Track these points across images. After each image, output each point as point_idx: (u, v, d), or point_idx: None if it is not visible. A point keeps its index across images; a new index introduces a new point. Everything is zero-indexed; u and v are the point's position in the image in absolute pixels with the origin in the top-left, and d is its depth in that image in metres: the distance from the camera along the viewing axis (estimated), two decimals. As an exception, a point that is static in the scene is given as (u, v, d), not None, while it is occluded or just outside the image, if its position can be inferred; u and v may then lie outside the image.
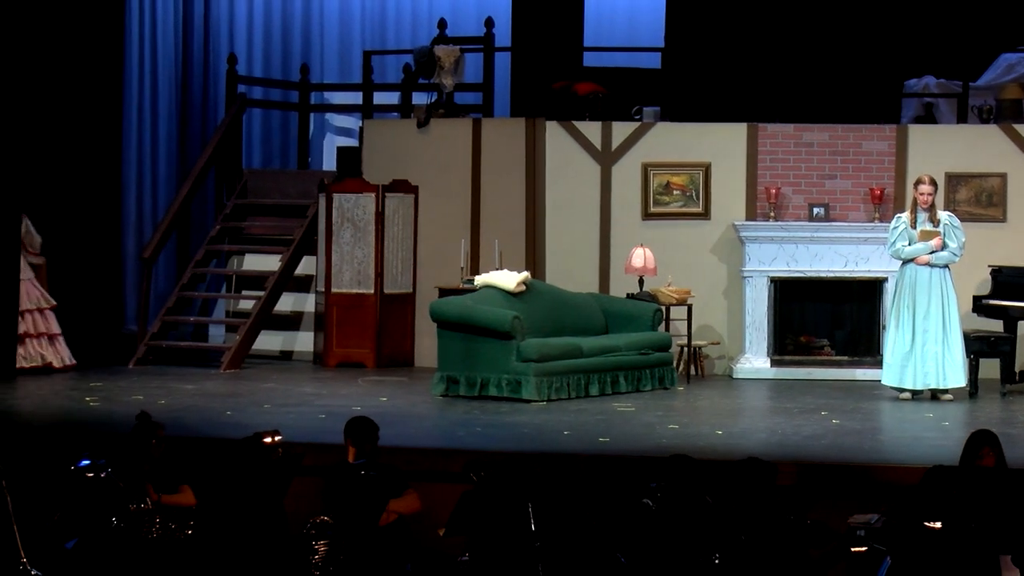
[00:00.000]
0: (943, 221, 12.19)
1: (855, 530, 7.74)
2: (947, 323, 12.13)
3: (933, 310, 12.12)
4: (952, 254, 12.16)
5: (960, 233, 12.19)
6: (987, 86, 14.74)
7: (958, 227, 12.22)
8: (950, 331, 12.12)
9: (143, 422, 8.49)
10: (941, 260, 12.16)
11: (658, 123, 14.14)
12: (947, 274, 12.21)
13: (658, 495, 7.71)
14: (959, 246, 12.18)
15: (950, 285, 12.20)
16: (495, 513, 7.52)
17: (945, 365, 12.09)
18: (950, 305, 12.15)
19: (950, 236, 12.16)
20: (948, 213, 12.38)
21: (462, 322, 12.17)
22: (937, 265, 12.16)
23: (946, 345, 12.10)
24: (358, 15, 16.98)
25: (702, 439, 10.13)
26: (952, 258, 12.16)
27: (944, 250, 12.14)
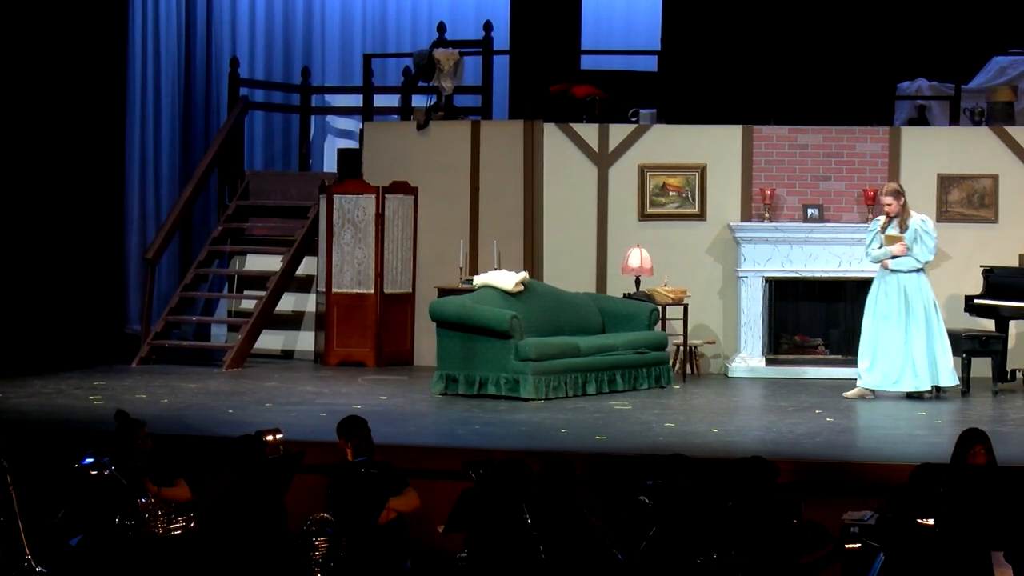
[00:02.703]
0: (912, 226, 12.12)
1: (849, 527, 7.78)
2: (928, 324, 12.10)
3: (902, 312, 12.08)
4: (915, 259, 12.09)
5: (930, 238, 12.12)
6: (979, 89, 14.79)
7: (929, 231, 12.14)
8: (932, 331, 12.11)
9: (122, 420, 8.52)
10: (900, 265, 12.12)
11: (654, 125, 14.21)
12: (915, 277, 12.12)
13: (655, 493, 7.78)
14: (928, 250, 12.10)
15: (921, 286, 12.15)
16: (494, 511, 7.55)
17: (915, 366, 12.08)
18: (927, 306, 12.12)
19: (919, 241, 12.11)
20: (923, 218, 12.28)
21: (461, 322, 12.23)
22: (900, 270, 12.14)
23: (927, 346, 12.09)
24: (359, 19, 17.04)
25: (698, 437, 10.19)
26: (913, 263, 12.09)
27: (908, 255, 12.10)
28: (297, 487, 8.32)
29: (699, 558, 7.44)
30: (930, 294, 12.22)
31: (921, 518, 7.32)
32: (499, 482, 7.59)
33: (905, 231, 12.16)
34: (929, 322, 12.15)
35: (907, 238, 12.14)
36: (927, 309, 12.16)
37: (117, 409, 8.70)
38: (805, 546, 7.66)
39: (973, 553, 7.20)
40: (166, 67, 16.48)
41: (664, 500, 7.69)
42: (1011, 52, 15.17)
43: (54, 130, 14.73)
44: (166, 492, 8.37)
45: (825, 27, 14.22)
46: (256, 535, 7.89)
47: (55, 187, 14.77)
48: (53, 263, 14.73)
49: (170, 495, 8.39)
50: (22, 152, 14.49)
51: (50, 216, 14.72)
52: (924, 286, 12.20)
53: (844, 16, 14.25)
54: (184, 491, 8.49)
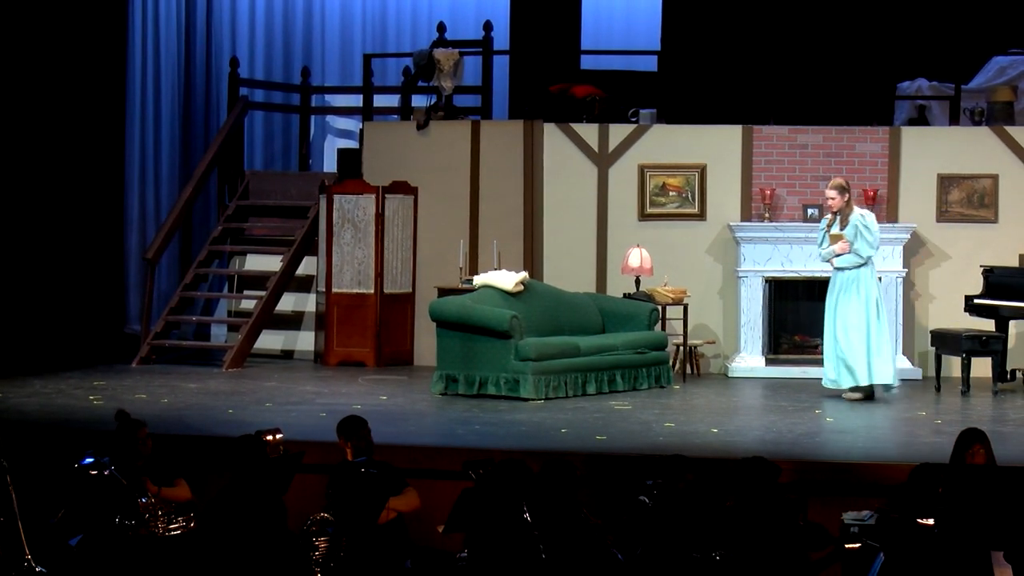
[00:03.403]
0: (853, 222, 12.02)
1: (849, 527, 7.79)
2: (868, 321, 11.98)
3: (853, 309, 11.99)
4: (856, 255, 12.01)
5: (870, 233, 12.01)
6: (979, 88, 14.81)
7: (869, 226, 12.03)
8: (870, 329, 11.99)
9: (123, 420, 8.53)
10: (843, 263, 12.04)
11: (654, 125, 14.22)
12: (859, 273, 12.03)
13: (655, 493, 7.79)
14: (869, 245, 11.99)
15: (865, 282, 12.03)
16: (494, 510, 7.56)
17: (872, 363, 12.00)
18: (868, 302, 12.01)
19: (859, 236, 12.01)
20: (862, 214, 12.14)
21: (461, 322, 12.24)
22: (845, 268, 12.05)
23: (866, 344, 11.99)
24: (359, 19, 17.05)
25: (698, 437, 10.19)
26: (856, 260, 12.00)
27: (850, 251, 12.02)
28: (297, 487, 8.32)
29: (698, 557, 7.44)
30: (873, 291, 12.08)
31: (921, 518, 7.33)
32: (499, 482, 7.60)
33: (845, 228, 12.05)
34: (868, 319, 12.03)
35: (848, 234, 12.02)
36: (868, 305, 12.03)
37: (118, 409, 8.71)
38: (807, 546, 7.66)
39: (973, 553, 7.21)
40: (166, 67, 16.50)
41: (664, 500, 7.69)
42: (1011, 52, 15.18)
43: (54, 130, 14.74)
44: (166, 492, 8.37)
45: (825, 27, 14.23)
46: (256, 535, 7.89)
47: (55, 187, 14.78)
48: (53, 263, 14.74)
49: (171, 495, 8.39)
50: (22, 152, 14.50)
51: (50, 216, 14.73)
52: (867, 282, 12.06)
53: (844, 16, 14.26)
54: (184, 491, 8.50)
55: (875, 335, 12.05)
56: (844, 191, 12.11)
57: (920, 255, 13.96)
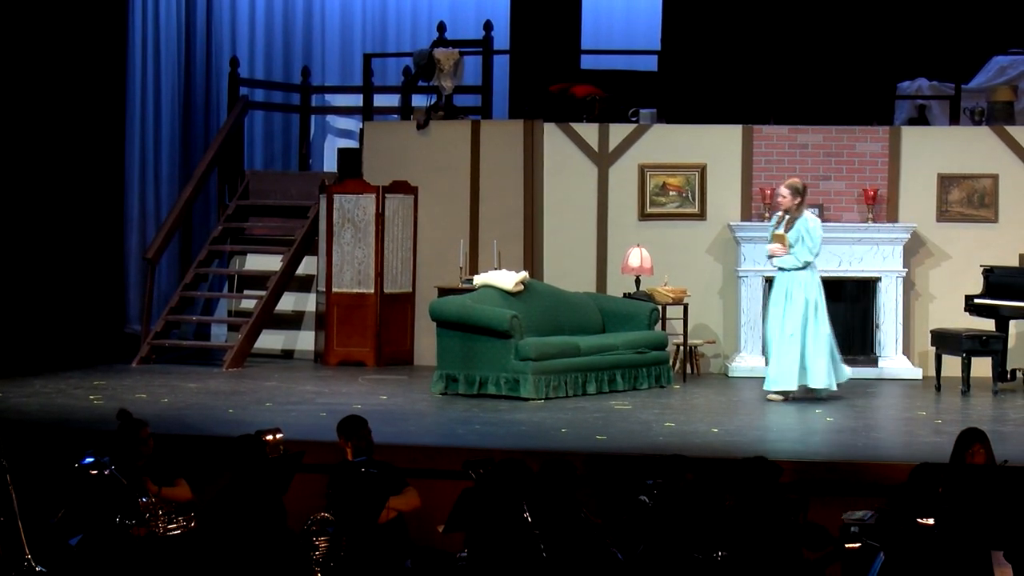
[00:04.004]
0: (798, 225, 11.92)
1: (849, 527, 7.79)
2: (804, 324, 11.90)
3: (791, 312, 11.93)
4: (795, 257, 11.92)
5: (811, 238, 11.90)
6: (979, 88, 14.81)
7: (812, 230, 11.93)
8: (807, 331, 11.91)
9: (125, 420, 8.53)
10: (784, 263, 11.97)
11: (654, 125, 14.22)
12: (799, 275, 11.93)
13: (655, 493, 7.79)
14: (808, 250, 11.88)
15: (805, 285, 11.92)
16: (494, 510, 7.56)
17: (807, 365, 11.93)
18: (807, 305, 11.91)
19: (801, 240, 11.91)
20: (808, 216, 12.04)
21: (461, 321, 12.24)
22: (785, 268, 11.96)
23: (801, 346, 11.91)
24: (359, 18, 17.06)
25: (698, 437, 10.20)
26: (795, 262, 11.91)
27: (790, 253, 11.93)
28: (297, 487, 8.32)
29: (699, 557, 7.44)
30: (812, 292, 11.95)
31: (921, 517, 7.33)
32: (499, 482, 7.60)
33: (789, 230, 11.96)
34: (806, 321, 11.94)
35: (791, 237, 11.94)
36: (807, 307, 11.93)
37: (120, 408, 8.70)
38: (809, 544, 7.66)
39: (973, 552, 7.22)
40: (166, 67, 16.50)
41: (664, 500, 7.69)
42: (1011, 52, 15.18)
43: (54, 130, 14.74)
44: (167, 492, 8.38)
45: (825, 27, 14.23)
46: (256, 535, 7.89)
47: (55, 187, 14.78)
48: (53, 263, 14.74)
49: (171, 495, 8.39)
50: (22, 152, 14.51)
51: (50, 216, 14.73)
52: (808, 284, 11.95)
53: (844, 16, 14.26)
54: (185, 491, 8.50)
55: (811, 338, 11.94)
56: (797, 193, 12.01)
57: (920, 255, 13.96)
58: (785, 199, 12.04)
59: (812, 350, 11.97)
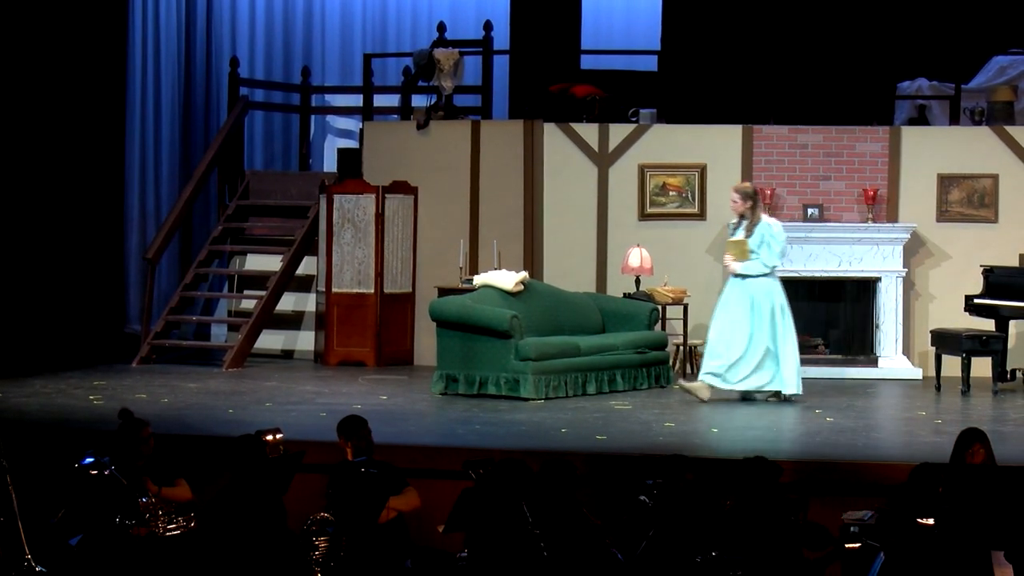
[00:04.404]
0: (759, 231, 11.80)
1: (849, 527, 7.79)
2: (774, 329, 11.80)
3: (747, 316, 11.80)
4: (761, 263, 11.81)
5: (776, 242, 11.79)
6: (979, 88, 14.81)
7: (775, 236, 11.80)
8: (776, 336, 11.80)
9: (126, 419, 8.53)
10: (747, 270, 11.85)
11: (654, 125, 14.23)
12: (762, 282, 11.82)
13: (655, 492, 7.79)
14: (773, 255, 11.78)
15: (769, 291, 11.82)
16: (494, 510, 7.56)
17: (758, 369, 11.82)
18: (773, 310, 11.80)
19: (765, 245, 11.80)
20: (769, 222, 11.92)
21: (461, 321, 12.24)
22: (748, 275, 11.84)
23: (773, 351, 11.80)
24: (359, 18, 17.06)
25: (698, 437, 10.21)
26: (761, 268, 11.81)
27: (752, 259, 11.81)
28: (297, 487, 8.32)
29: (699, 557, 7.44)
30: (778, 298, 11.85)
31: (921, 517, 7.33)
32: (499, 482, 7.60)
33: (750, 236, 11.84)
34: (775, 327, 11.83)
35: (752, 243, 11.81)
36: (774, 313, 11.84)
37: (122, 408, 8.70)
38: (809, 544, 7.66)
39: (973, 552, 7.22)
40: (166, 66, 16.50)
41: (664, 500, 7.69)
42: (1011, 52, 15.18)
43: (54, 129, 14.74)
44: (167, 492, 8.37)
45: (825, 27, 14.23)
46: (256, 535, 7.89)
47: (55, 186, 14.78)
48: (53, 262, 14.74)
49: (171, 495, 8.39)
50: (22, 151, 14.50)
51: (50, 215, 14.73)
52: (772, 290, 11.85)
53: (844, 16, 14.26)
54: (185, 491, 8.50)
55: (785, 343, 11.85)
56: (748, 197, 11.89)
57: (920, 255, 13.96)
58: (736, 204, 11.92)
59: (784, 355, 11.84)
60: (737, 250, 11.85)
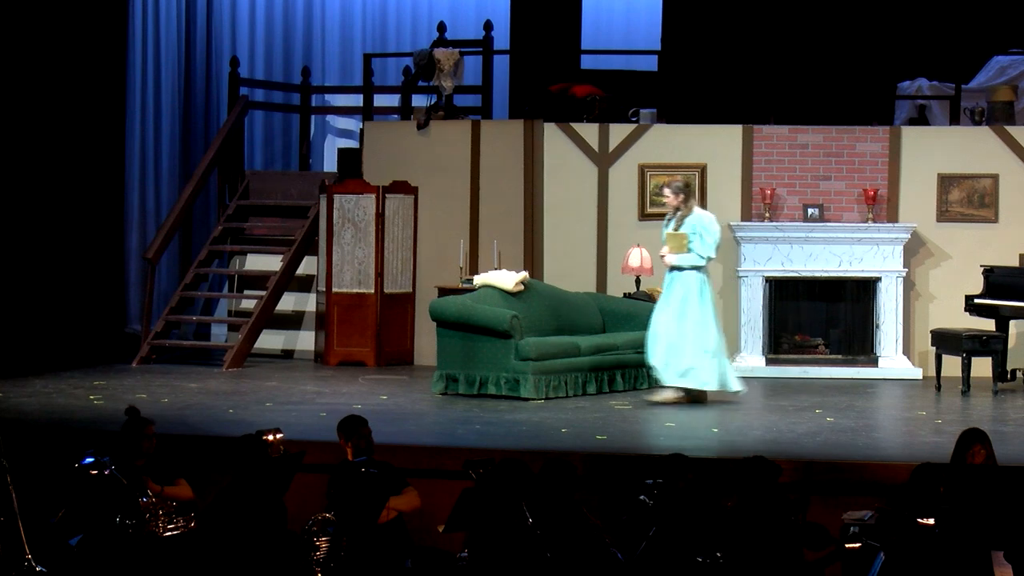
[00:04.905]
0: (691, 223, 11.72)
1: (849, 527, 7.78)
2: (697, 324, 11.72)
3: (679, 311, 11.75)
4: (696, 254, 11.73)
5: (708, 234, 11.70)
6: (979, 88, 14.81)
7: (707, 228, 11.72)
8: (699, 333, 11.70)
9: (133, 417, 8.55)
10: (682, 261, 11.77)
11: (655, 125, 14.22)
12: (690, 275, 11.74)
13: (655, 492, 7.78)
14: (707, 246, 11.68)
15: (691, 284, 11.72)
16: (494, 510, 7.56)
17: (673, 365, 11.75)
18: (691, 304, 11.72)
19: (699, 237, 11.70)
20: (700, 216, 11.82)
21: (461, 321, 12.24)
22: (681, 267, 11.76)
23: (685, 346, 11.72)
24: (359, 18, 17.05)
25: (698, 437, 10.19)
26: (696, 259, 11.73)
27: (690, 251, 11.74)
28: (297, 487, 8.31)
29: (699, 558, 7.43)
30: (700, 293, 11.75)
31: (921, 518, 7.31)
32: (499, 482, 7.59)
33: (681, 227, 11.78)
34: (684, 321, 11.73)
35: (688, 235, 11.73)
36: (691, 307, 11.75)
37: (129, 405, 8.71)
38: (809, 544, 7.66)
39: (973, 553, 7.20)
40: (166, 66, 16.49)
41: (664, 500, 7.69)
42: (1011, 52, 15.19)
43: (54, 129, 14.74)
44: (169, 491, 8.38)
45: (825, 26, 14.24)
46: (256, 535, 7.88)
47: (55, 186, 14.78)
48: (53, 262, 14.73)
49: (173, 493, 8.40)
50: (22, 151, 14.50)
51: (50, 215, 14.73)
52: (695, 284, 11.77)
53: (844, 15, 14.26)
54: (186, 490, 8.50)
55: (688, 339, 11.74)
56: (679, 192, 11.81)
57: (920, 255, 13.96)
58: (669, 199, 11.87)
59: (687, 349, 11.75)
60: (675, 243, 11.80)
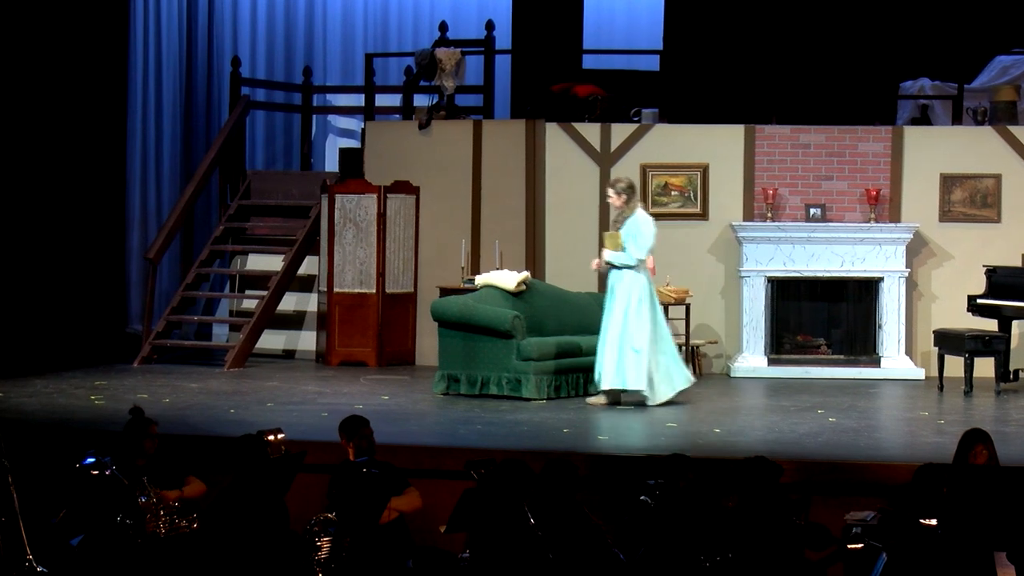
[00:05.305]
0: (627, 224, 11.65)
1: (851, 527, 7.77)
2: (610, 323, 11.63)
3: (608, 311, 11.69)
4: (628, 255, 11.63)
5: (638, 235, 11.61)
6: (982, 88, 14.80)
7: (637, 230, 11.63)
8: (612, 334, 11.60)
9: (137, 416, 8.55)
10: (615, 260, 11.68)
11: (656, 125, 14.21)
12: (625, 275, 11.62)
13: (656, 493, 7.77)
14: (637, 247, 11.59)
15: (626, 284, 11.61)
16: (496, 511, 7.55)
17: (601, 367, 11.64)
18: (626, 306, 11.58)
19: (633, 236, 11.64)
20: (635, 217, 11.69)
21: (463, 321, 12.23)
22: (613, 265, 11.67)
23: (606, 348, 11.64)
24: (360, 18, 17.04)
25: (700, 437, 10.18)
26: (628, 259, 11.62)
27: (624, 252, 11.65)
28: (298, 487, 8.30)
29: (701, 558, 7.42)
30: (635, 295, 11.62)
31: (924, 518, 7.29)
32: (501, 482, 7.58)
33: (620, 228, 11.72)
34: (611, 321, 11.63)
35: (623, 235, 11.67)
36: (626, 309, 11.64)
37: (134, 405, 8.71)
38: (811, 545, 7.64)
39: (976, 553, 7.19)
40: (167, 66, 16.48)
41: (666, 500, 7.68)
42: (1014, 51, 15.17)
43: (55, 129, 14.73)
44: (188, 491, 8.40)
45: (828, 26, 14.24)
46: (258, 535, 7.87)
47: (56, 186, 14.77)
48: (54, 262, 14.73)
49: (192, 494, 8.42)
50: (23, 151, 14.49)
51: (51, 215, 14.73)
52: (631, 284, 11.66)
53: (847, 15, 14.26)
54: (198, 486, 8.51)
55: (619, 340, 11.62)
56: (622, 192, 11.72)
57: (923, 255, 13.94)
58: (612, 199, 11.81)
59: (616, 350, 11.65)
60: (611, 243, 11.76)
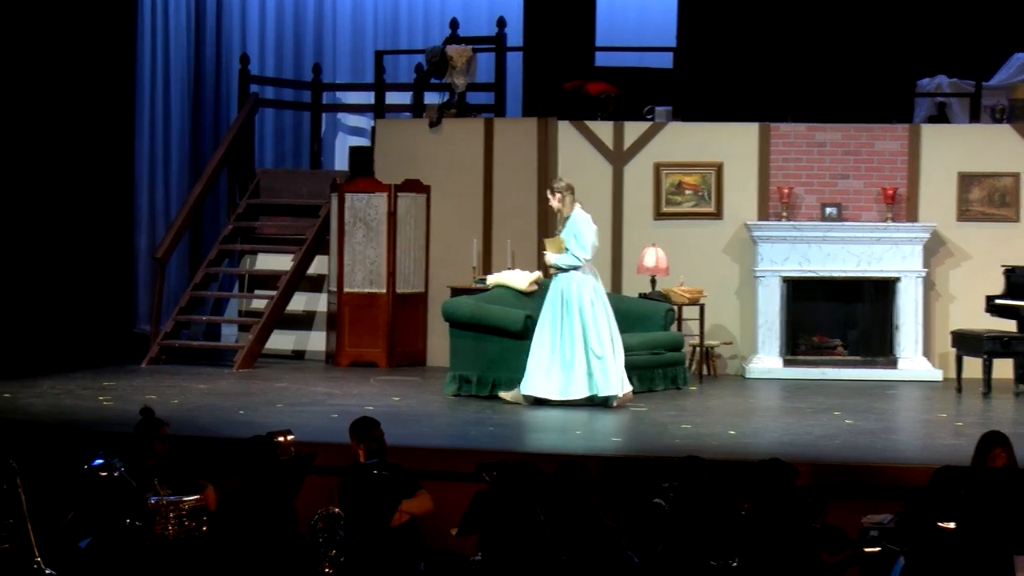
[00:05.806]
0: (567, 224, 11.55)
1: (868, 530, 7.74)
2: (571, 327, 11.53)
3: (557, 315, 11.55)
4: (572, 255, 11.53)
5: (578, 234, 11.49)
6: (1000, 86, 14.71)
7: (577, 229, 11.51)
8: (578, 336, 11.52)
9: (147, 417, 8.54)
10: (559, 262, 11.58)
11: (670, 123, 14.15)
12: (572, 277, 11.54)
13: (671, 495, 7.72)
14: (579, 246, 11.49)
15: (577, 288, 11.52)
16: (508, 513, 7.51)
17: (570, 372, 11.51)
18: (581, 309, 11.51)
19: (574, 236, 11.53)
20: (575, 217, 11.53)
21: (474, 322, 12.17)
22: (559, 267, 11.58)
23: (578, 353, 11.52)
24: (370, 15, 16.99)
25: (715, 439, 10.13)
26: (571, 261, 11.52)
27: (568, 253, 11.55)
28: (308, 489, 8.28)
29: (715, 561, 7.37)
30: (587, 298, 11.54)
31: (942, 521, 7.26)
32: (513, 484, 7.56)
33: (562, 230, 11.63)
34: (571, 326, 11.52)
35: (565, 236, 11.57)
36: (582, 312, 11.55)
37: (145, 405, 8.69)
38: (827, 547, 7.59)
39: (994, 557, 7.18)
40: (176, 64, 16.46)
41: (680, 503, 7.63)
42: (1032, 49, 15.10)
43: (63, 128, 14.74)
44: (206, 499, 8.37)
45: (844, 23, 14.23)
46: (267, 537, 7.85)
47: (64, 185, 14.79)
48: (62, 262, 14.75)
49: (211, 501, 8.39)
50: (31, 150, 14.51)
51: (59, 215, 14.74)
52: (581, 288, 11.57)
53: (863, 12, 14.22)
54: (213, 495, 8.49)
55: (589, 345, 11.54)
56: (558, 192, 11.62)
57: (940, 254, 13.86)
58: (551, 200, 11.72)
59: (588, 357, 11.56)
60: (553, 247, 11.69)
